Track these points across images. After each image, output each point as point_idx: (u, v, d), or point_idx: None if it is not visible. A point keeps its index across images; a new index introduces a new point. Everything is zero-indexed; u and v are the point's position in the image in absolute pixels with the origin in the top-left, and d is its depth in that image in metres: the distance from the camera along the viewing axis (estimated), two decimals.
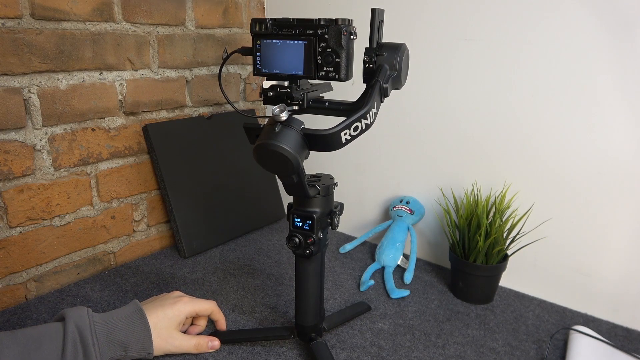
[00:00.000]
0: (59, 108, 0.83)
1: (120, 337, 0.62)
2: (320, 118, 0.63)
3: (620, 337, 0.79)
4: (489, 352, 0.73)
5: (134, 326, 0.63)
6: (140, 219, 1.01)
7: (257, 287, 0.90)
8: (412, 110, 1.00)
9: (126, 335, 0.62)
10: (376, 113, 0.58)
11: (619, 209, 0.80)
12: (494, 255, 0.84)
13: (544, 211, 0.87)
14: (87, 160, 0.89)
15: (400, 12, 0.96)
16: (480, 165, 0.93)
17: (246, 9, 1.15)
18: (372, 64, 0.59)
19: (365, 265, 1.00)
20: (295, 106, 0.61)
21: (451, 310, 0.84)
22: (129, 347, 0.62)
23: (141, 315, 0.64)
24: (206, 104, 1.10)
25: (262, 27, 0.59)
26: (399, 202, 1.03)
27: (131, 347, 0.62)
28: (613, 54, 0.76)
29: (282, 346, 0.73)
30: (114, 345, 0.61)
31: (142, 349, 0.63)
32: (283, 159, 0.55)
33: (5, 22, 0.74)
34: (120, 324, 0.63)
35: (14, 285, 0.82)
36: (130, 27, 0.91)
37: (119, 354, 0.62)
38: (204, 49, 1.06)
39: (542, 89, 0.84)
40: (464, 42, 0.90)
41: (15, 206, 0.80)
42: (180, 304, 0.69)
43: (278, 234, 1.14)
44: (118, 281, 0.90)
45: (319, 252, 0.66)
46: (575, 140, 0.82)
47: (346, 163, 1.13)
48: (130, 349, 0.62)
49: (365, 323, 0.79)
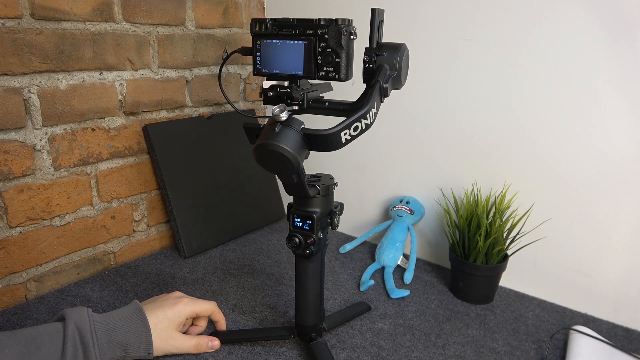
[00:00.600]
0: (59, 108, 0.83)
1: (120, 338, 0.62)
2: (320, 118, 0.63)
3: (620, 337, 0.79)
4: (489, 352, 0.73)
5: (134, 326, 0.63)
6: (140, 219, 1.01)
7: (257, 287, 0.90)
8: (412, 110, 1.00)
9: (126, 336, 0.62)
10: (376, 113, 0.58)
11: (619, 209, 0.80)
12: (494, 255, 0.84)
13: (544, 211, 0.87)
14: (87, 160, 0.89)
15: (400, 12, 0.96)
16: (480, 165, 0.93)
17: (246, 9, 1.15)
18: (372, 64, 0.59)
19: (365, 265, 1.00)
20: (295, 106, 0.61)
21: (451, 310, 0.84)
22: (128, 347, 0.62)
23: (141, 316, 0.64)
24: (206, 104, 1.10)
25: (262, 27, 0.59)
26: (399, 202, 1.03)
27: (131, 347, 0.62)
28: (613, 55, 0.76)
29: (282, 346, 0.73)
30: (113, 346, 0.61)
31: (142, 349, 0.63)
32: (283, 159, 0.55)
33: (5, 22, 0.74)
34: (120, 324, 0.63)
35: (14, 285, 0.82)
36: (130, 27, 0.91)
37: (119, 355, 0.62)
38: (204, 49, 1.06)
39: (542, 89, 0.84)
40: (464, 42, 0.90)
41: (15, 206, 0.80)
42: (181, 305, 0.69)
43: (278, 234, 1.14)
44: (118, 281, 0.90)
45: (319, 252, 0.66)
46: (575, 140, 0.82)
47: (346, 163, 1.13)
48: (130, 349, 0.62)
49: (365, 323, 0.79)
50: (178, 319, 0.68)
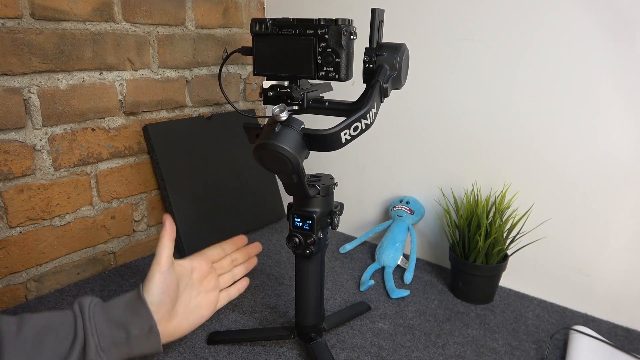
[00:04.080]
0: (59, 108, 0.83)
1: (118, 315, 0.58)
2: (320, 118, 0.63)
3: (620, 337, 0.79)
4: (489, 352, 0.73)
5: (130, 302, 0.59)
6: (140, 219, 1.01)
7: (257, 287, 0.90)
8: (412, 110, 1.00)
9: (125, 313, 0.58)
10: (376, 113, 0.58)
11: (619, 209, 0.80)
12: (494, 255, 0.84)
13: (544, 211, 0.87)
14: (87, 160, 0.89)
15: (401, 12, 0.96)
16: (480, 165, 0.93)
17: (246, 9, 1.15)
18: (372, 64, 0.59)
19: (365, 265, 1.00)
20: (295, 106, 0.61)
21: (451, 310, 0.84)
22: (128, 324, 0.58)
23: (137, 291, 0.60)
24: (206, 104, 1.10)
25: (262, 27, 0.59)
26: (399, 202, 1.03)
27: (131, 324, 0.58)
28: (613, 55, 0.76)
29: (282, 346, 0.73)
30: (112, 326, 0.57)
31: (144, 324, 0.59)
32: (283, 159, 0.55)
33: (5, 22, 0.74)
34: (117, 302, 0.60)
35: (14, 285, 0.82)
36: (130, 27, 0.91)
37: (121, 336, 0.58)
38: (204, 49, 1.06)
39: (542, 89, 0.84)
40: (464, 42, 0.90)
41: (15, 206, 0.80)
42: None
43: (278, 234, 1.14)
44: (118, 281, 0.90)
45: (319, 252, 0.66)
46: (575, 140, 0.82)
47: (346, 163, 1.13)
48: (131, 327, 0.58)
49: (365, 323, 0.79)
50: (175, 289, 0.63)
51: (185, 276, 0.67)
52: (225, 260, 0.75)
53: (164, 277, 0.61)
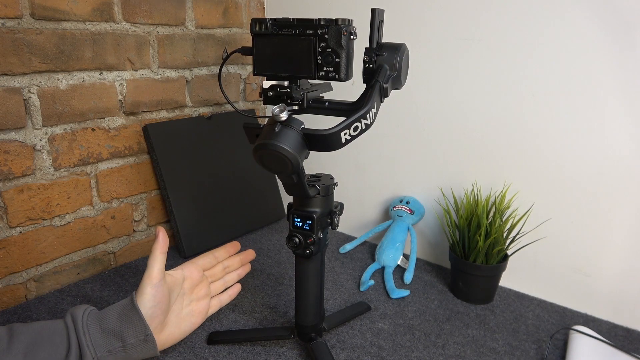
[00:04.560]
0: (59, 108, 0.83)
1: (112, 325, 0.58)
2: (320, 118, 0.63)
3: (620, 337, 0.79)
4: (489, 352, 0.73)
5: (124, 311, 0.60)
6: (140, 219, 1.01)
7: (257, 287, 0.90)
8: (412, 110, 1.00)
9: (119, 323, 0.58)
10: (376, 113, 0.58)
11: (619, 208, 0.80)
12: (494, 255, 0.84)
13: (544, 211, 0.87)
14: (87, 160, 0.89)
15: (401, 12, 0.96)
16: (480, 165, 0.93)
17: (246, 9, 1.15)
18: (372, 64, 0.59)
19: (365, 265, 1.00)
20: (295, 106, 0.61)
21: (451, 310, 0.84)
22: (123, 333, 0.58)
23: (130, 300, 0.61)
24: (206, 104, 1.10)
25: (262, 27, 0.59)
26: (399, 202, 1.03)
27: (126, 333, 0.58)
28: (613, 55, 0.76)
29: (282, 346, 0.73)
30: (108, 335, 0.58)
31: (140, 332, 0.59)
32: (283, 159, 0.55)
33: (5, 22, 0.74)
34: (111, 311, 0.60)
35: (14, 285, 0.82)
36: (130, 27, 0.91)
37: (116, 345, 0.58)
38: (204, 49, 1.06)
39: (542, 89, 0.84)
40: (464, 42, 0.90)
41: (15, 206, 0.80)
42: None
43: (278, 234, 1.14)
44: (118, 281, 0.90)
45: (319, 252, 0.66)
46: (575, 140, 0.82)
47: (346, 163, 1.13)
48: (126, 336, 0.58)
49: (365, 323, 0.79)
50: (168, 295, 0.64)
51: (176, 286, 0.68)
52: (217, 267, 0.76)
53: (155, 290, 0.62)
